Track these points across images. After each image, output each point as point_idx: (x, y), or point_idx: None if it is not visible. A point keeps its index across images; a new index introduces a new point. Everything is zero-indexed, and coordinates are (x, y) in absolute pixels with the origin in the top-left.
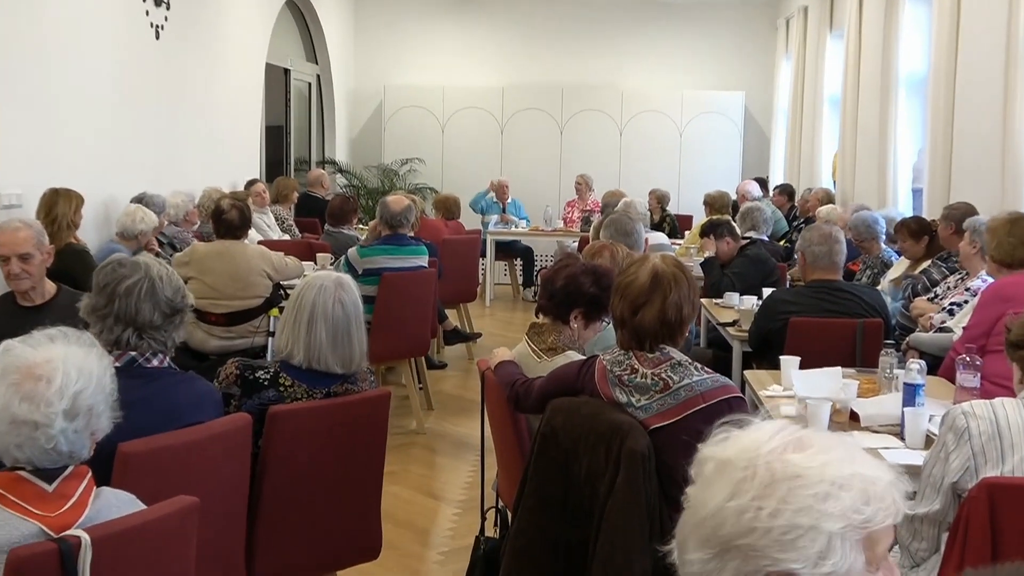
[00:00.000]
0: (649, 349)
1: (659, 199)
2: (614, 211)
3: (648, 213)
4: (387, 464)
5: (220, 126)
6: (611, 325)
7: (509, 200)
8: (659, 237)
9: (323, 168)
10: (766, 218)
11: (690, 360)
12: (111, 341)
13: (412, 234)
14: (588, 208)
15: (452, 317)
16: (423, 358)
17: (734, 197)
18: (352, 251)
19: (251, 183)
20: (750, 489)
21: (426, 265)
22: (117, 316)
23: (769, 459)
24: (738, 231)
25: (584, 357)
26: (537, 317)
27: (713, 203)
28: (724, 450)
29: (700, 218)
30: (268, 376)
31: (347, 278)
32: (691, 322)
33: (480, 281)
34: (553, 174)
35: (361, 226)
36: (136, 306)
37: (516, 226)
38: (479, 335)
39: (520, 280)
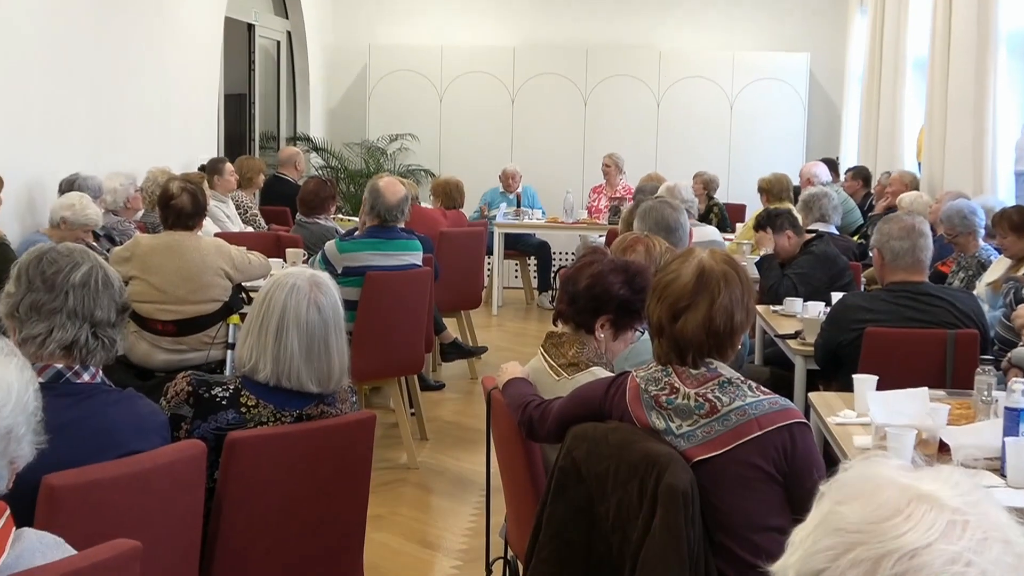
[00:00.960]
0: (692, 364)
1: (705, 184)
2: (651, 197)
3: (694, 201)
4: (372, 506)
5: (169, 94)
6: (646, 335)
7: (520, 189)
8: (708, 231)
9: (295, 145)
10: (834, 206)
11: (743, 379)
12: (65, 343)
13: (403, 226)
14: (618, 195)
15: (451, 327)
16: (416, 377)
17: (797, 183)
18: (330, 245)
19: (215, 164)
20: (962, 537)
21: (420, 263)
22: (72, 312)
23: (982, 510)
24: (800, 223)
25: (612, 374)
26: (555, 326)
27: (770, 189)
28: (919, 482)
29: (755, 207)
30: (227, 394)
31: (324, 276)
32: (744, 332)
33: (486, 284)
34: (575, 154)
35: (341, 216)
36: (94, 299)
37: (529, 217)
38: (484, 349)
39: (534, 283)
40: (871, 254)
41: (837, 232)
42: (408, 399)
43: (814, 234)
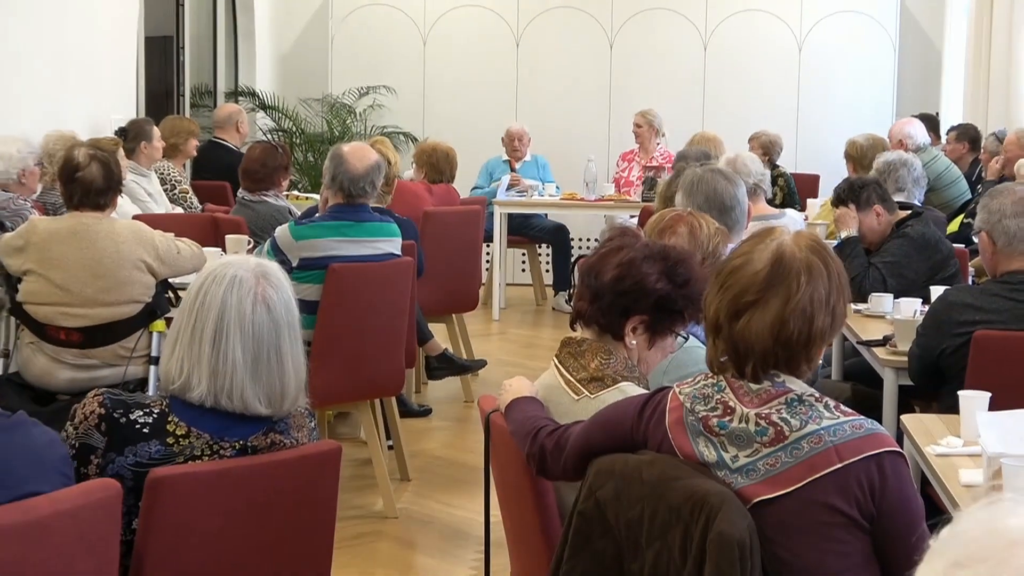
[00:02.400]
0: (753, 376)
1: (765, 149)
2: (699, 165)
3: (765, 175)
4: (337, 566)
5: (74, 38)
6: (692, 342)
7: (528, 158)
8: (786, 222)
9: (236, 102)
10: (916, 177)
11: (818, 395)
12: None
13: (379, 205)
14: (654, 163)
15: (440, 336)
16: (394, 400)
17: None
18: (282, 231)
19: (136, 127)
20: None
21: (398, 253)
22: None
23: None
24: (893, 198)
25: (648, 391)
26: (573, 329)
27: (861, 156)
28: None
29: (831, 178)
30: (150, 420)
31: (273, 265)
32: (827, 343)
33: (484, 280)
34: (599, 112)
35: (296, 193)
36: None
37: (540, 192)
38: (482, 364)
39: (547, 278)
40: (975, 238)
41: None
42: (384, 428)
43: (910, 212)
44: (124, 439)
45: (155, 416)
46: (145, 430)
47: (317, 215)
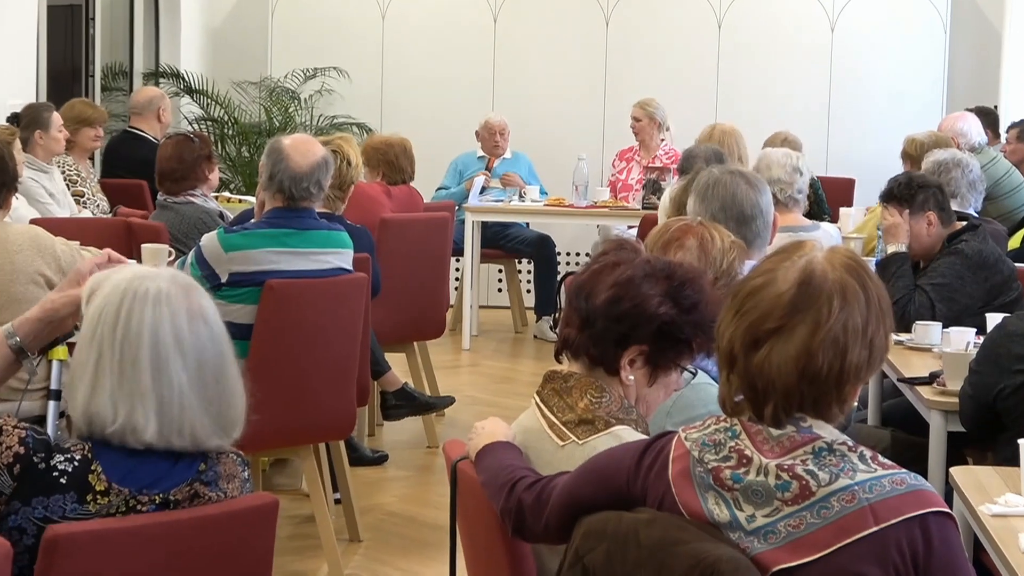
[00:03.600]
0: (774, 420)
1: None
2: (717, 169)
3: (800, 181)
4: None
5: None
6: (701, 378)
7: (508, 155)
8: (823, 236)
9: (157, 85)
10: (972, 181)
11: (851, 444)
12: None
13: (329, 211)
14: (658, 164)
15: (399, 368)
16: (343, 445)
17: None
18: (209, 240)
19: (34, 112)
20: None
21: (350, 267)
22: None
23: None
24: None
25: (647, 436)
26: (559, 361)
27: (921, 155)
28: None
29: (869, 184)
30: (71, 468)
31: (183, 275)
32: (864, 381)
33: (452, 301)
34: (592, 102)
35: (229, 195)
36: None
37: (520, 196)
38: (449, 401)
39: (528, 299)
40: None
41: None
42: (331, 478)
43: (967, 223)
44: (36, 488)
45: (76, 464)
46: (63, 480)
47: (252, 221)
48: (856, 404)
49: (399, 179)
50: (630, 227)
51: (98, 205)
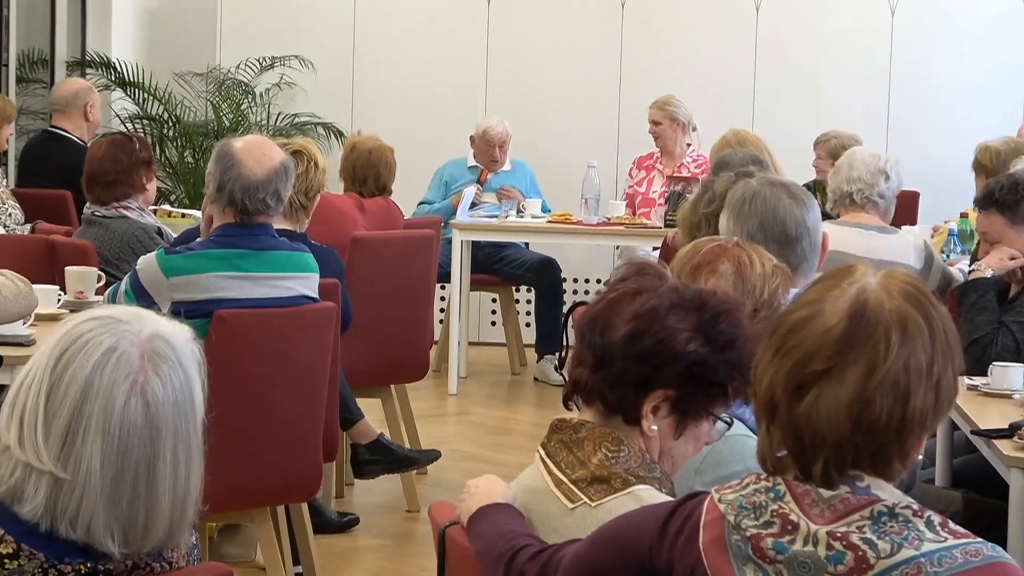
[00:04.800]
0: (825, 479)
1: (833, 156)
2: (756, 180)
3: (885, 178)
4: None
5: None
6: (738, 428)
7: (506, 167)
8: (896, 244)
9: (85, 76)
10: None
11: (916, 507)
12: None
13: (291, 228)
14: (683, 173)
15: (373, 416)
16: (305, 508)
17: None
18: (148, 263)
19: None
20: None
21: (315, 295)
22: None
23: None
24: None
25: (673, 498)
26: (568, 408)
27: (998, 168)
28: None
29: (938, 197)
30: None
31: (174, 333)
32: (932, 427)
33: (437, 336)
34: (605, 100)
35: (170, 208)
36: None
37: (518, 212)
38: (433, 456)
39: (528, 334)
40: None
41: None
42: (292, 548)
43: None
44: None
45: None
46: None
47: (198, 240)
48: (921, 459)
49: (376, 190)
50: (653, 249)
51: (11, 216)
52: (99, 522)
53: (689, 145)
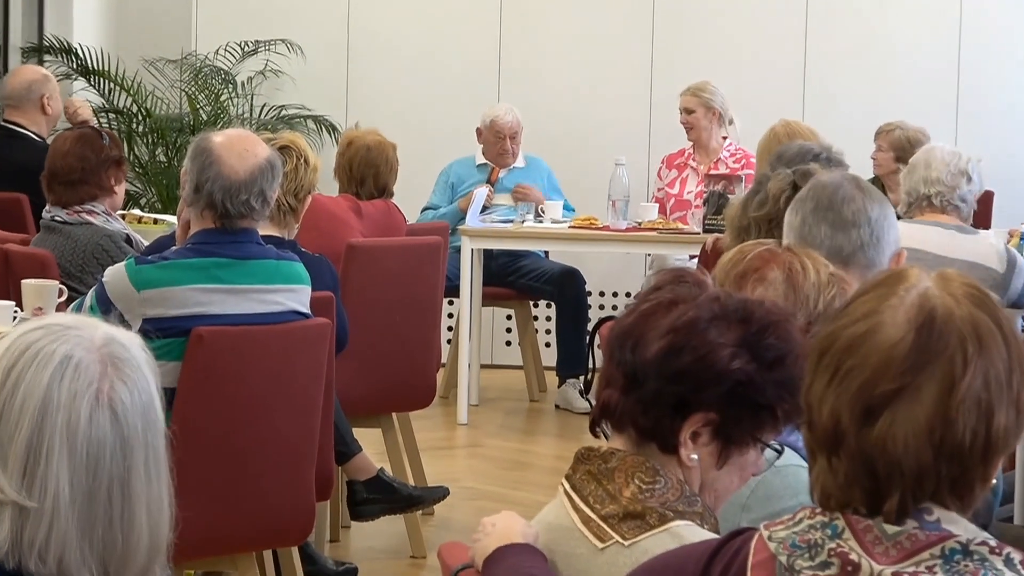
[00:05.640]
0: (897, 513)
1: (900, 150)
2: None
3: (966, 180)
4: None
5: None
6: (789, 456)
7: (520, 163)
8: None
9: (42, 64)
10: None
11: (994, 543)
12: None
13: (279, 234)
14: (721, 171)
15: (373, 448)
16: (296, 553)
17: None
18: (116, 274)
19: None
20: None
21: (306, 311)
22: None
23: None
24: None
25: (717, 535)
26: (595, 435)
27: None
28: None
29: (1015, 198)
30: None
31: (128, 338)
32: (1015, 443)
33: (445, 358)
34: (634, 89)
35: (140, 213)
36: None
37: (537, 215)
38: (440, 494)
39: (548, 355)
40: None
41: None
42: None
43: None
44: None
45: None
46: None
47: (173, 248)
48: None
49: (375, 192)
50: (692, 257)
51: None
52: (72, 552)
53: (725, 139)
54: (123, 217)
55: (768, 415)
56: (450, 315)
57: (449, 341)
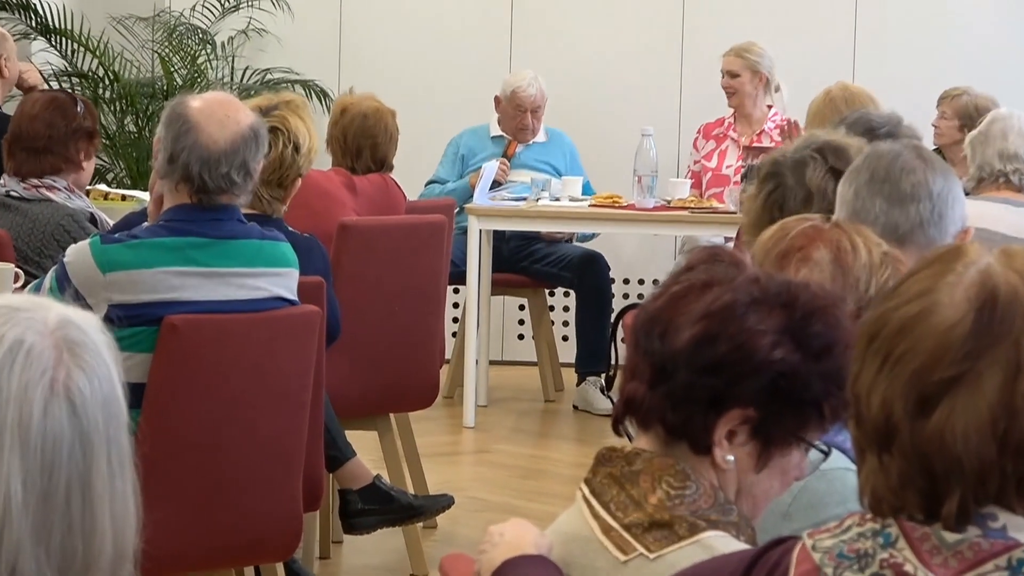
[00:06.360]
0: (959, 518)
1: (966, 117)
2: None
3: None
4: None
5: None
6: (836, 458)
7: (541, 136)
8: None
9: None
10: None
11: None
12: None
13: (263, 212)
14: (764, 143)
15: (368, 453)
16: (281, 569)
17: None
18: (79, 253)
19: None
20: None
21: (294, 297)
22: None
23: None
24: None
25: (753, 547)
26: (618, 434)
27: None
28: None
29: None
30: None
31: (85, 319)
32: None
33: (450, 353)
34: (663, 52)
35: (107, 188)
36: None
37: (555, 195)
38: (444, 504)
39: (566, 351)
40: None
41: None
42: None
43: None
44: None
45: None
46: None
47: (144, 225)
48: None
49: (371, 166)
50: (727, 239)
51: None
52: (27, 561)
53: (770, 107)
54: (87, 193)
55: (813, 411)
56: (455, 304)
57: (454, 334)
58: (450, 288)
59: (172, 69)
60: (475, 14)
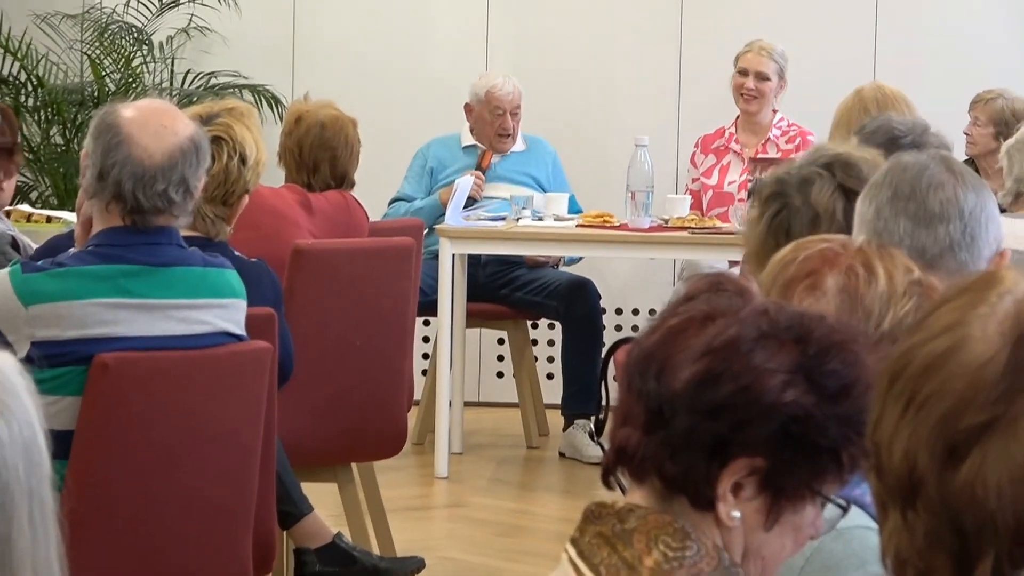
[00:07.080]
0: None
1: (998, 124)
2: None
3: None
4: None
5: None
6: (851, 518)
7: (520, 145)
8: None
9: None
10: None
11: None
12: None
13: (205, 235)
14: (770, 154)
15: (327, 508)
16: None
17: None
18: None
19: None
20: None
21: (241, 332)
22: None
23: None
24: None
25: None
26: (608, 486)
27: None
28: None
29: None
30: None
31: (2, 361)
32: None
33: (420, 394)
34: (659, 51)
35: (30, 209)
36: None
37: (538, 214)
38: (414, 566)
39: (551, 391)
40: None
41: None
42: None
43: None
44: None
45: None
46: None
47: (71, 251)
48: None
49: (330, 182)
50: (733, 264)
51: None
52: None
53: (776, 114)
54: (8, 215)
55: (830, 460)
56: (425, 339)
57: (424, 372)
58: (419, 320)
59: (104, 73)
60: (446, 9)
